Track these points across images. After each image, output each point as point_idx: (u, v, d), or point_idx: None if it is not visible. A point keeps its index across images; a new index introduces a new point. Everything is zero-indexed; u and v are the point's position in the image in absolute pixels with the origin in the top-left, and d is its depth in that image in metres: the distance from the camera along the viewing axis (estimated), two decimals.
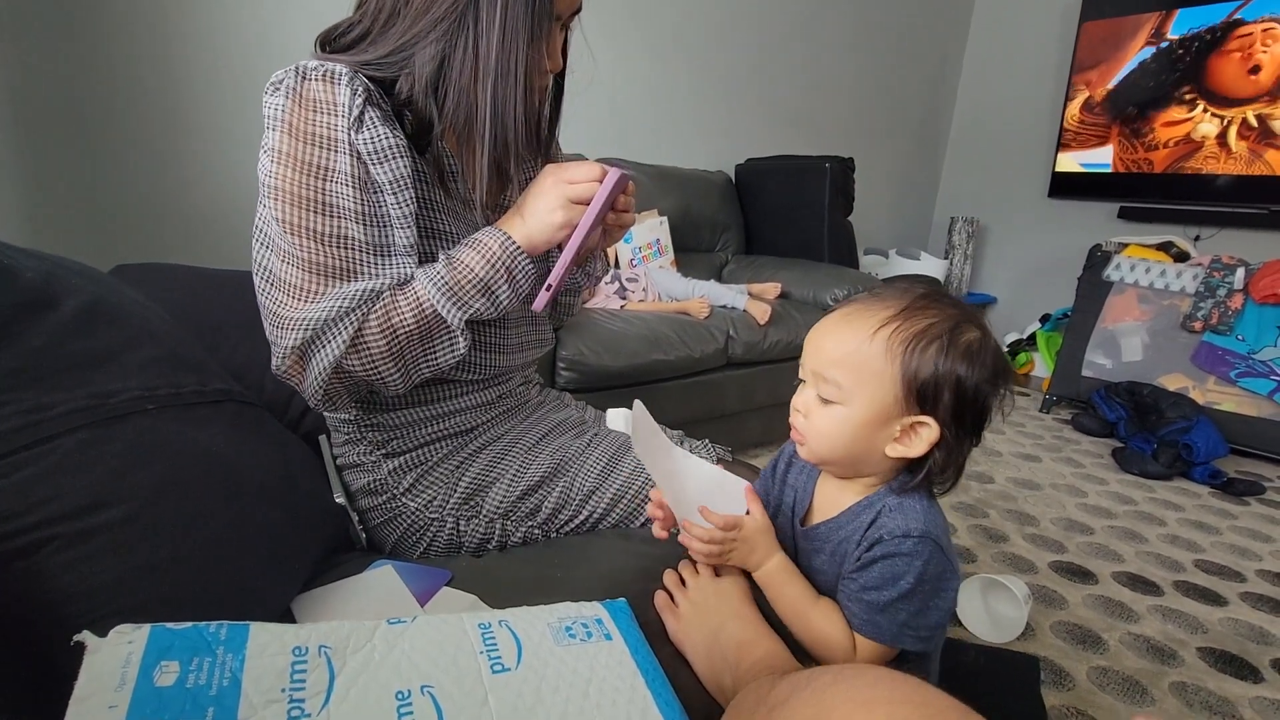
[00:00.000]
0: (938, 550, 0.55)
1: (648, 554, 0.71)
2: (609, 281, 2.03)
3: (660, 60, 2.53)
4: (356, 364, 0.63)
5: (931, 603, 0.55)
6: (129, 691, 0.36)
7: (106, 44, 1.55)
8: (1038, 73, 3.34)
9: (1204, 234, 2.88)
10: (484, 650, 0.47)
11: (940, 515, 0.58)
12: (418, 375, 0.68)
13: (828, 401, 0.56)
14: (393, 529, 0.76)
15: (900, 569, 0.54)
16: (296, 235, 0.60)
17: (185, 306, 0.86)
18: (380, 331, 0.62)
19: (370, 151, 0.61)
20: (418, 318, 0.64)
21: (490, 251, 0.65)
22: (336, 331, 0.61)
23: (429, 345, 0.66)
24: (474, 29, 0.62)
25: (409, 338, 0.64)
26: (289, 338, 0.61)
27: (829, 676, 0.40)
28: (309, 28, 0.71)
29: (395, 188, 0.63)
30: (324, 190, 0.61)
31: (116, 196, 1.64)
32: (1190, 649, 1.27)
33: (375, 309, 0.63)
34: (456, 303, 0.64)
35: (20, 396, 0.46)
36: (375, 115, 0.62)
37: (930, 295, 0.56)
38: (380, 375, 0.65)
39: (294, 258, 0.61)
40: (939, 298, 0.56)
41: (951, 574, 0.56)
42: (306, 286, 0.61)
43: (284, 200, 0.60)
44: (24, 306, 0.50)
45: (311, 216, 0.61)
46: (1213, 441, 2.16)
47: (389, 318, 0.63)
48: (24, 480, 0.44)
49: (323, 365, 0.62)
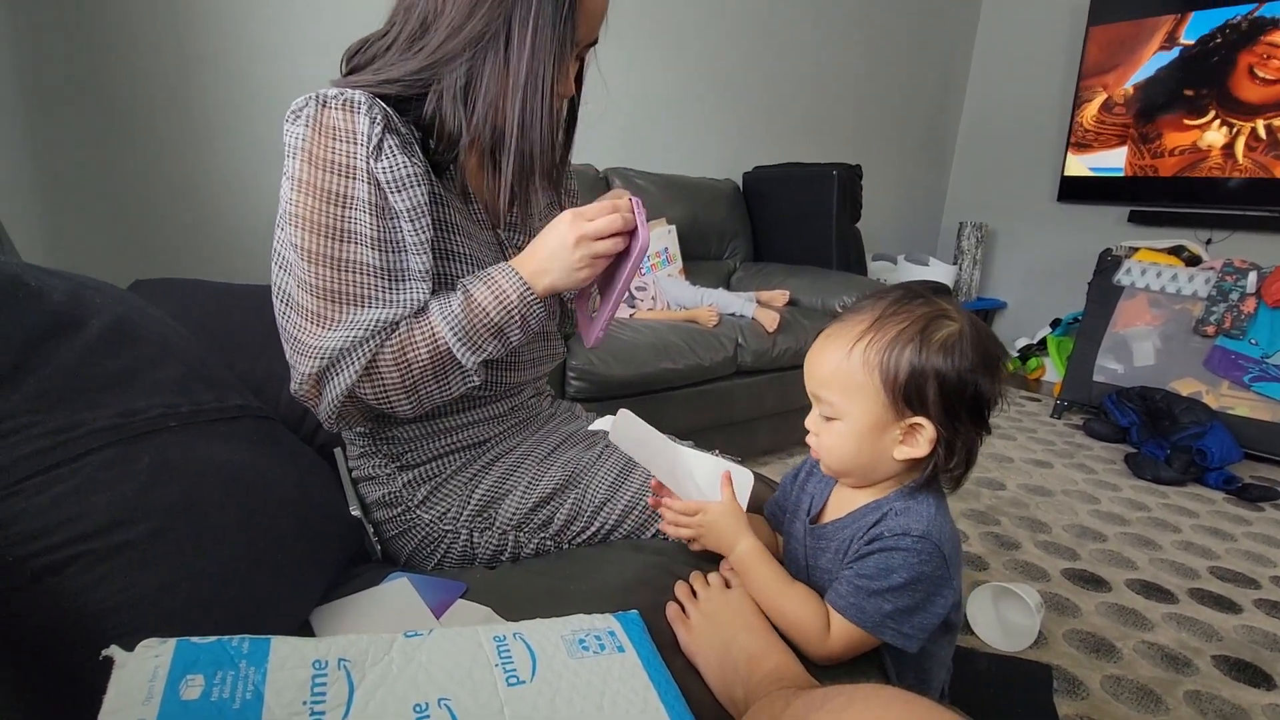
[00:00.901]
0: (937, 554, 0.55)
1: (659, 565, 0.72)
2: None
3: (667, 70, 2.55)
4: (369, 392, 0.65)
5: (922, 604, 0.56)
6: (156, 705, 0.37)
7: (126, 62, 1.58)
8: (1046, 76, 3.33)
9: (1216, 237, 2.86)
10: (499, 663, 0.48)
11: (948, 522, 0.58)
12: (430, 404, 0.69)
13: (829, 419, 0.58)
14: (407, 541, 0.77)
15: (895, 562, 0.55)
16: (313, 263, 0.62)
17: (202, 321, 0.87)
18: (394, 365, 0.64)
19: (389, 180, 0.62)
20: (432, 354, 0.65)
21: (507, 300, 0.66)
22: (350, 361, 0.62)
23: (442, 380, 0.67)
24: (506, 46, 0.64)
25: (423, 372, 0.65)
26: (306, 365, 0.63)
27: (844, 698, 0.41)
28: (327, 46, 0.73)
29: (412, 215, 0.64)
30: (343, 218, 0.62)
31: (134, 212, 1.67)
32: (1205, 657, 1.26)
33: (391, 341, 0.64)
34: (471, 346, 0.65)
35: (49, 417, 0.47)
36: (394, 143, 0.63)
37: (903, 298, 0.57)
38: (391, 405, 0.66)
39: (310, 285, 0.62)
40: (911, 299, 0.57)
41: (946, 582, 0.56)
42: (322, 313, 0.62)
43: (303, 228, 0.62)
44: (52, 329, 0.51)
45: (329, 243, 0.62)
46: (1227, 447, 2.14)
47: (404, 352, 0.64)
48: (53, 498, 0.45)
49: (336, 392, 0.63)
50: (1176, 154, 2.86)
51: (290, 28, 1.74)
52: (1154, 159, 2.92)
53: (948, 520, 0.59)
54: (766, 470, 2.04)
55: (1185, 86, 2.81)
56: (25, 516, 0.44)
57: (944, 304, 0.57)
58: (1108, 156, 3.06)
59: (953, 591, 0.57)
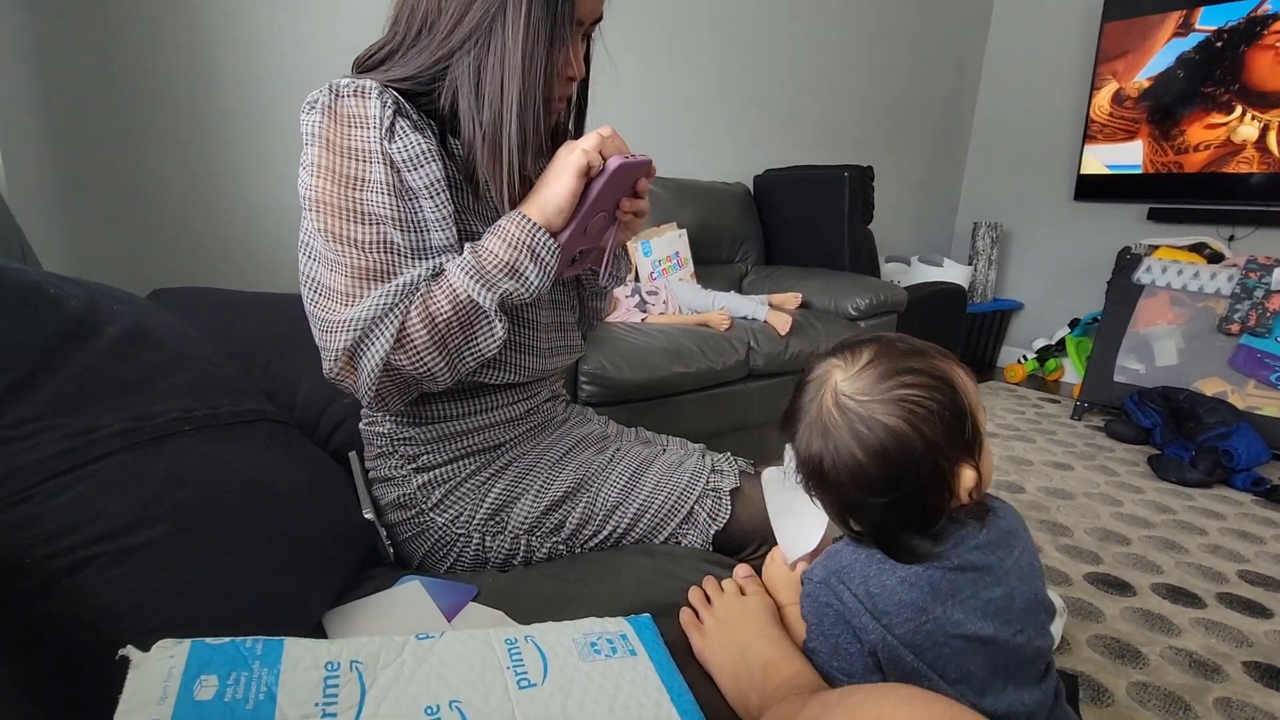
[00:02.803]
0: (831, 597, 0.54)
1: (671, 570, 0.72)
2: (629, 295, 2.04)
3: (677, 73, 2.55)
4: (404, 359, 0.64)
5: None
6: (171, 705, 0.37)
7: (142, 72, 1.62)
8: (1060, 74, 3.30)
9: (1238, 234, 2.80)
10: (510, 666, 0.48)
11: (876, 567, 0.53)
12: (463, 366, 0.68)
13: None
14: (420, 543, 0.77)
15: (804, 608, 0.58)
16: (338, 243, 0.63)
17: (219, 328, 0.88)
18: (422, 323, 0.64)
19: (404, 159, 0.64)
20: (453, 304, 0.65)
21: (509, 234, 0.66)
22: (383, 328, 0.62)
23: (469, 332, 0.67)
24: (501, 35, 0.64)
25: (449, 325, 0.65)
26: (338, 340, 0.63)
27: (860, 695, 0.40)
28: (343, 58, 0.74)
29: (431, 191, 0.66)
30: (361, 200, 0.63)
31: (153, 221, 1.70)
32: (1235, 663, 1.23)
33: (415, 302, 0.64)
34: (486, 285, 0.65)
35: (68, 420, 0.48)
36: (405, 124, 0.65)
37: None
38: (427, 368, 0.65)
39: (339, 265, 0.63)
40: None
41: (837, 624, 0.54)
42: (352, 291, 0.63)
43: (324, 211, 0.63)
44: (70, 335, 0.52)
45: (351, 225, 0.63)
46: (1254, 447, 2.09)
47: (427, 307, 0.64)
48: (71, 500, 0.46)
49: (373, 364, 0.63)
50: (1202, 149, 2.81)
51: (306, 40, 1.77)
52: (1177, 155, 2.88)
53: (874, 565, 0.53)
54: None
55: (1205, 79, 2.77)
56: (44, 518, 0.44)
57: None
58: (1124, 151, 3.02)
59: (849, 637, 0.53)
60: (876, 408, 0.51)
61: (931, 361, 0.53)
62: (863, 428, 0.51)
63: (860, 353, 0.55)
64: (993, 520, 0.54)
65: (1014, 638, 0.50)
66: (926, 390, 0.51)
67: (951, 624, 0.49)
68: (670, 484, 0.80)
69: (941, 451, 0.50)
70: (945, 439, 0.50)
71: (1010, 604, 0.51)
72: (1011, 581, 0.52)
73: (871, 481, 0.51)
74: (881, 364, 0.53)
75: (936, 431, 0.50)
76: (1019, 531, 0.56)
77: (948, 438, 0.50)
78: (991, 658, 0.50)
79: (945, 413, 0.50)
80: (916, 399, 0.50)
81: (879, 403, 0.51)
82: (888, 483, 0.51)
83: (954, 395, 0.51)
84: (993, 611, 0.50)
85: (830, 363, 0.56)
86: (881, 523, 0.53)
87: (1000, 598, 0.51)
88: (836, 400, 0.53)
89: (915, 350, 0.54)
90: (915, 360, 0.53)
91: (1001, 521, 0.55)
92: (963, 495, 0.52)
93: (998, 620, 0.50)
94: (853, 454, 0.51)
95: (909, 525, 0.52)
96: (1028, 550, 0.55)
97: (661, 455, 0.85)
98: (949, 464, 0.51)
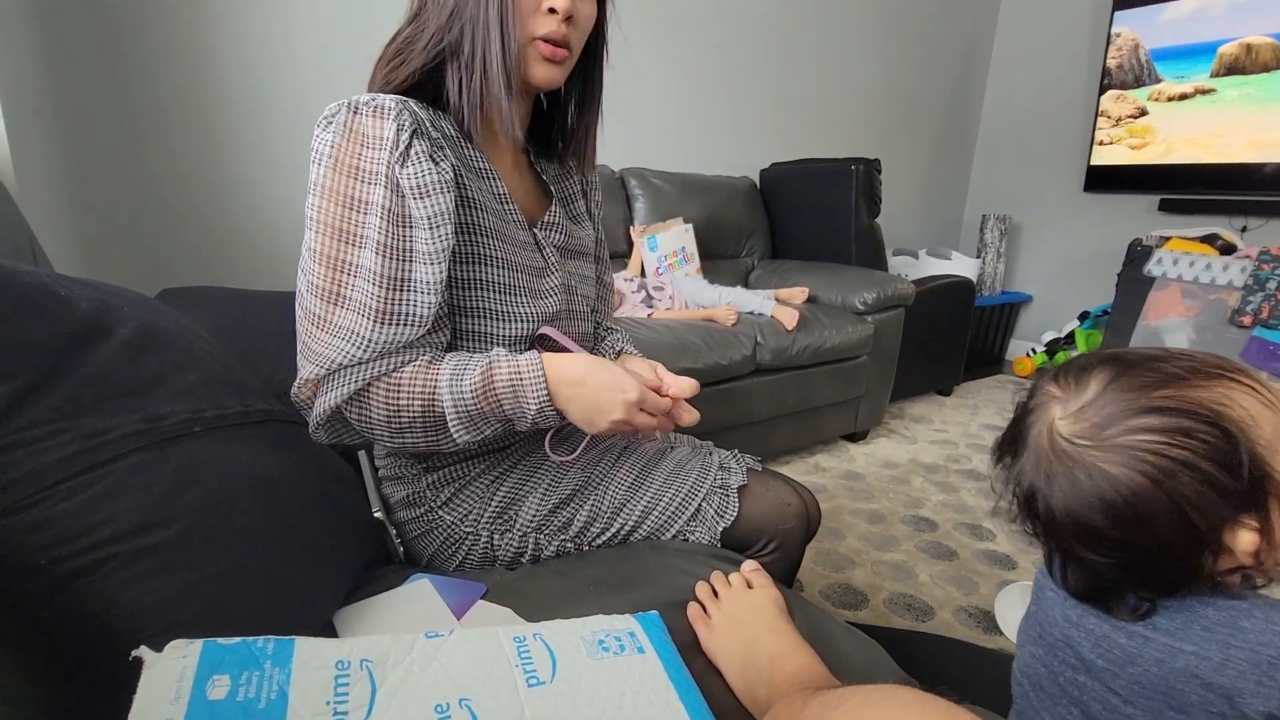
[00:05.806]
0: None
1: (680, 566, 0.72)
2: (635, 290, 2.04)
3: (682, 67, 2.54)
4: (353, 416, 0.65)
5: None
6: (184, 705, 0.37)
7: (152, 73, 1.62)
8: (1069, 64, 3.26)
9: (1251, 224, 2.77)
10: (519, 663, 0.48)
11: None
12: (411, 449, 0.69)
13: None
14: (429, 541, 0.77)
15: None
16: (318, 263, 0.63)
17: (228, 328, 0.89)
18: (384, 404, 0.64)
19: (412, 186, 0.63)
20: (425, 411, 0.64)
21: (527, 414, 0.65)
22: (344, 379, 0.63)
23: (429, 434, 0.67)
24: None
25: (411, 421, 0.65)
26: (308, 369, 0.64)
27: (859, 698, 0.40)
28: (351, 57, 0.74)
29: (432, 223, 0.63)
30: (356, 222, 0.63)
31: (162, 222, 1.71)
32: None
33: (390, 378, 0.64)
34: (470, 429, 0.65)
35: (79, 423, 0.48)
36: (422, 149, 0.63)
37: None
38: (372, 435, 0.67)
39: (315, 286, 0.63)
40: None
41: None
42: (319, 314, 0.63)
43: (317, 230, 0.63)
44: (80, 337, 0.52)
45: (337, 245, 0.62)
46: None
47: (396, 398, 0.63)
48: (83, 503, 0.46)
49: (326, 405, 0.64)
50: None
51: (314, 40, 1.77)
52: (1186, 145, 2.84)
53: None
54: (788, 470, 2.03)
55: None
56: (56, 521, 0.45)
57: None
58: (1134, 142, 2.98)
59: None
60: (1099, 455, 0.42)
61: (1191, 391, 0.41)
62: (1083, 476, 0.42)
63: (1086, 382, 0.44)
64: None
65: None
66: (1175, 436, 0.40)
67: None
68: (678, 481, 0.80)
69: (1197, 509, 0.39)
70: (1202, 494, 0.39)
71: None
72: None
73: (1094, 535, 0.42)
74: (1112, 399, 0.42)
75: (1188, 485, 0.39)
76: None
77: (1208, 492, 0.39)
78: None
79: (1205, 463, 0.39)
80: (1157, 448, 0.40)
81: (1104, 450, 0.41)
82: (1114, 542, 0.42)
83: (1223, 436, 0.39)
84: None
85: (1048, 392, 0.46)
86: (1101, 579, 0.44)
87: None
88: (1052, 442, 0.44)
89: (1167, 377, 0.42)
90: (1163, 391, 0.41)
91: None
92: (1243, 559, 0.41)
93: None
94: (1066, 505, 0.43)
95: (1144, 586, 0.43)
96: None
97: (669, 452, 0.85)
98: (1211, 524, 0.40)
